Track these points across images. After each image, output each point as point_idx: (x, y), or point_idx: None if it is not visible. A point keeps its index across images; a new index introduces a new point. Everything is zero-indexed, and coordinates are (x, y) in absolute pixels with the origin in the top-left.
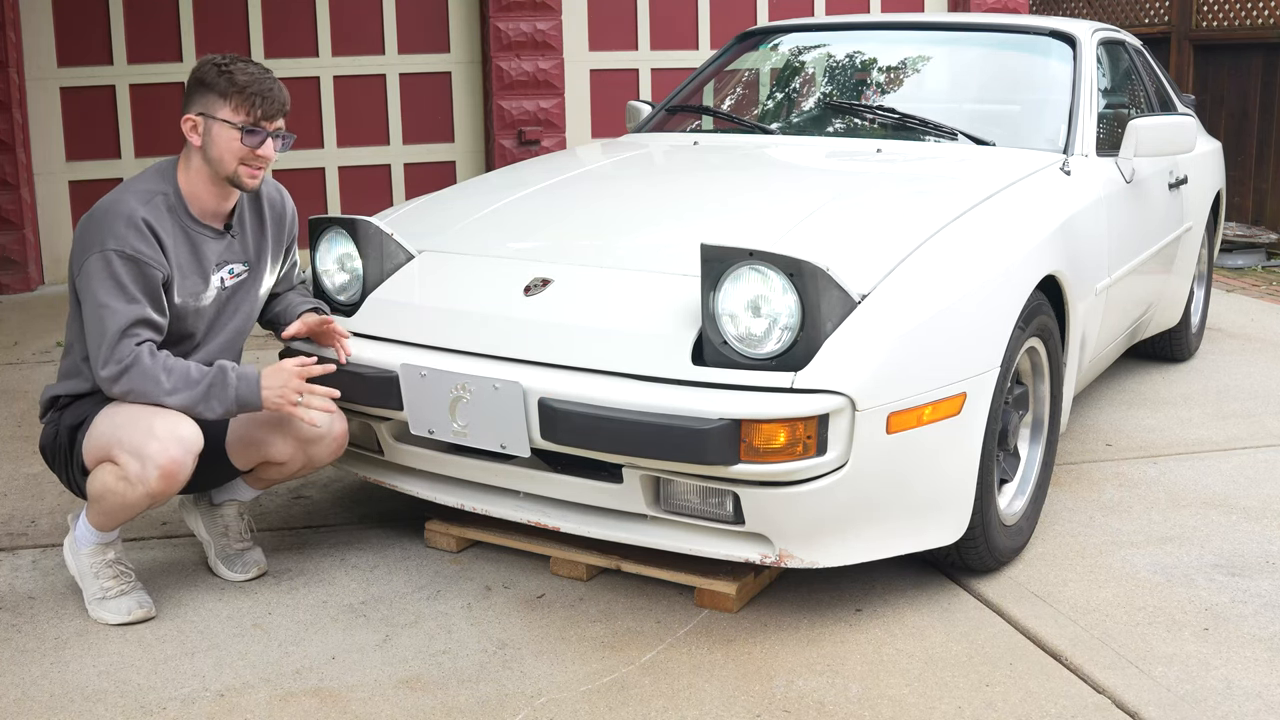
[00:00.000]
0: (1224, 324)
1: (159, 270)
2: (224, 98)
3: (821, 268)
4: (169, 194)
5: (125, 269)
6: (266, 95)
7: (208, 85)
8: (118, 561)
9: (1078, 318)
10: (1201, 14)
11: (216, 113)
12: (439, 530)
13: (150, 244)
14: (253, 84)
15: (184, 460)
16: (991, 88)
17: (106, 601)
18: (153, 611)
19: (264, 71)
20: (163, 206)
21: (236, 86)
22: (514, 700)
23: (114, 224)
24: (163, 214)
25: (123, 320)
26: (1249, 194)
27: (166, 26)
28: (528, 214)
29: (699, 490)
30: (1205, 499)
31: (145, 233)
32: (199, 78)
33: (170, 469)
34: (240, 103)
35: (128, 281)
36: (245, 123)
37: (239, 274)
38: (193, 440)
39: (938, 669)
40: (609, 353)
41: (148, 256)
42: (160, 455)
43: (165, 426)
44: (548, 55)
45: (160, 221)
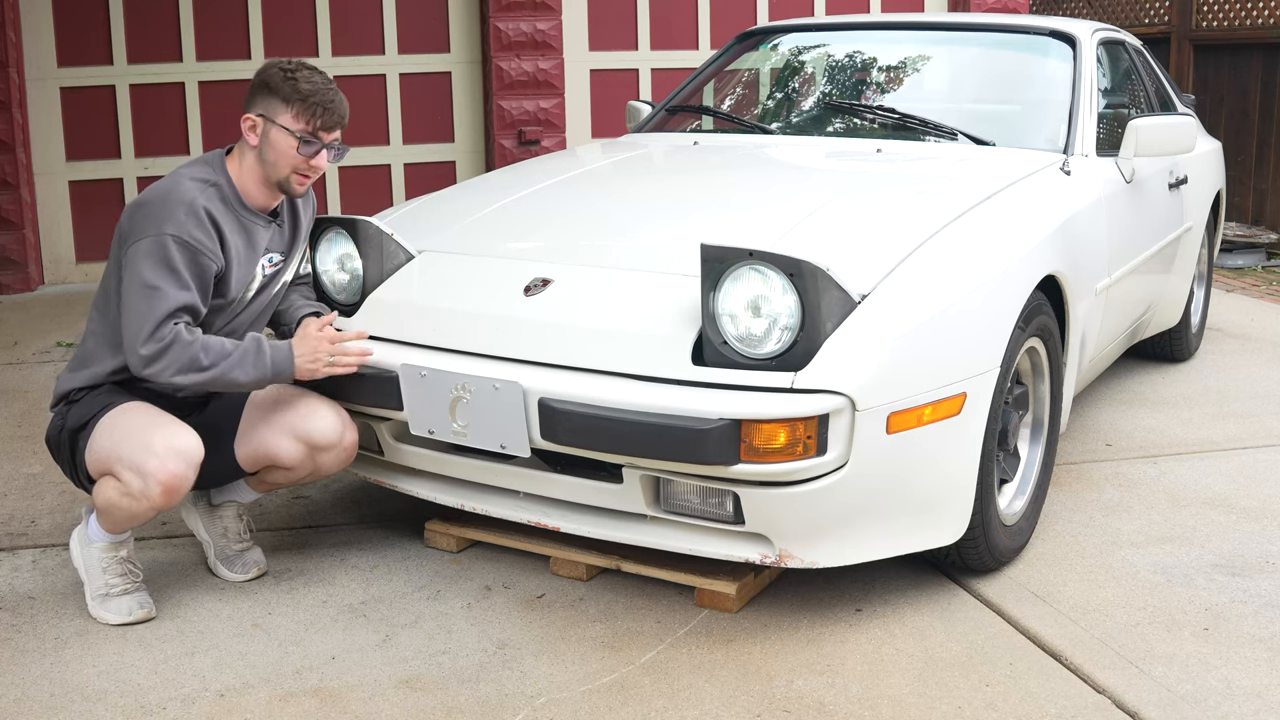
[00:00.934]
0: (1224, 324)
1: (214, 262)
2: (286, 104)
3: (821, 268)
4: (223, 185)
5: (182, 256)
6: (328, 107)
7: (272, 89)
8: (128, 560)
9: (1078, 318)
10: (1201, 14)
11: (276, 117)
12: (439, 530)
13: (210, 235)
14: (316, 94)
15: (185, 474)
16: (991, 88)
17: (109, 600)
18: (153, 613)
19: (327, 82)
20: (217, 198)
21: (300, 95)
22: (514, 700)
23: (174, 210)
24: (219, 205)
25: (171, 304)
26: (1249, 194)
27: (166, 26)
28: (528, 214)
29: (699, 490)
30: (1205, 499)
31: (206, 223)
32: (264, 80)
33: (171, 484)
34: (301, 110)
35: (182, 267)
36: (304, 131)
37: (276, 264)
38: (192, 452)
39: (938, 669)
40: (609, 353)
41: (206, 247)
42: (160, 471)
43: (163, 441)
44: (548, 55)
45: (219, 212)
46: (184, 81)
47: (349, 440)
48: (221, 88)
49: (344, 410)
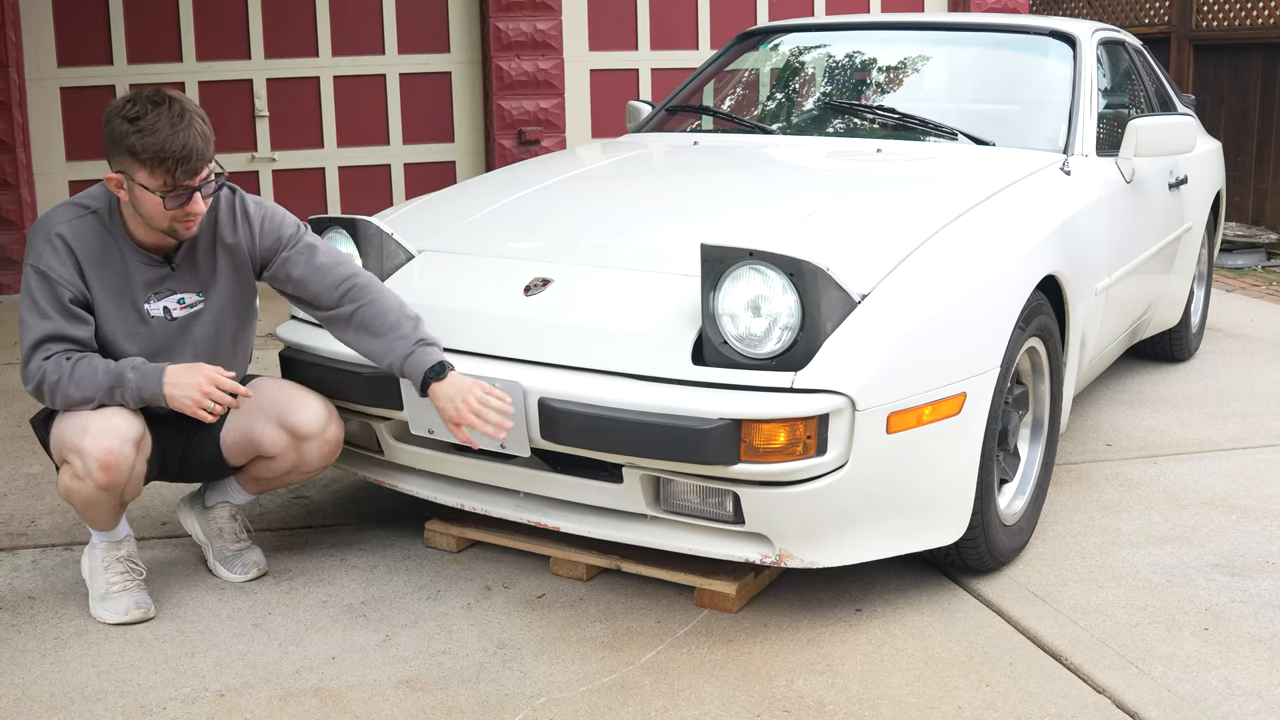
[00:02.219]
0: (1224, 324)
1: (68, 290)
2: (138, 162)
3: (821, 268)
4: (103, 213)
5: (38, 285)
6: (180, 157)
7: (119, 144)
8: (129, 559)
9: (1078, 318)
10: (1201, 14)
11: (134, 175)
12: (439, 530)
13: (64, 262)
14: (164, 147)
15: (119, 450)
16: (991, 88)
17: (107, 599)
18: (151, 613)
19: (175, 123)
20: (90, 226)
21: (148, 153)
22: (514, 700)
23: (35, 239)
24: (88, 232)
25: (33, 335)
26: (1249, 194)
27: (166, 26)
28: (528, 214)
29: (699, 490)
30: (1205, 499)
31: (60, 251)
32: (111, 133)
33: (107, 460)
34: (155, 168)
35: (39, 297)
36: (164, 189)
37: (192, 304)
38: (127, 429)
39: (938, 669)
40: (609, 353)
41: (57, 274)
42: (95, 448)
43: (99, 420)
44: (548, 55)
45: (82, 240)
46: (184, 81)
47: (333, 433)
48: (221, 88)
49: (332, 405)
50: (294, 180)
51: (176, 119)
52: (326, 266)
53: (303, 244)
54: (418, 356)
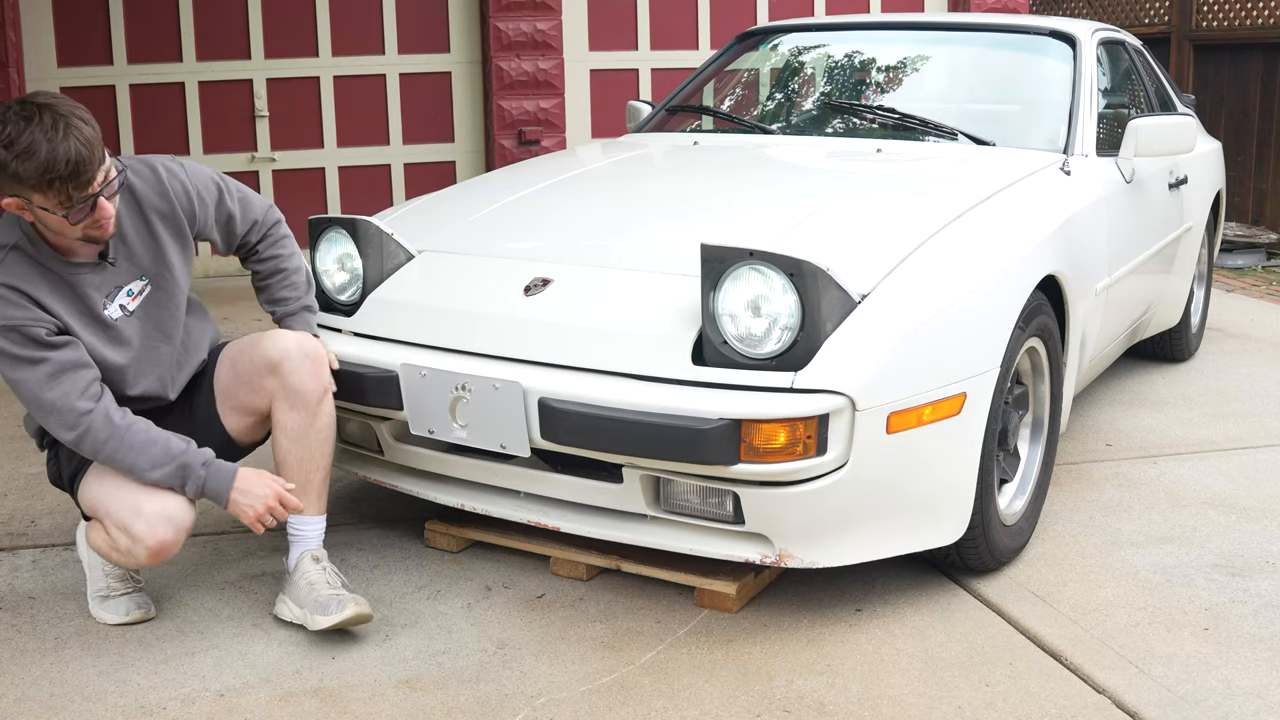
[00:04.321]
0: (1224, 324)
1: (41, 326)
2: (28, 187)
3: (821, 268)
4: (22, 243)
5: (11, 341)
6: (68, 175)
7: (3, 172)
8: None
9: (1078, 318)
10: (1201, 14)
11: (30, 199)
12: (439, 530)
13: (20, 305)
14: (48, 168)
15: (173, 540)
16: (991, 88)
17: (108, 601)
18: (151, 613)
19: (52, 135)
20: (17, 261)
21: (34, 177)
22: (514, 700)
23: None
24: (20, 267)
25: (38, 394)
26: (1249, 194)
27: (166, 26)
28: (528, 214)
29: (699, 490)
30: (1205, 499)
31: (12, 297)
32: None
33: (158, 549)
34: (47, 191)
35: (21, 351)
36: (63, 206)
37: (140, 290)
38: (181, 517)
39: (938, 669)
40: (609, 353)
41: (20, 320)
42: (148, 537)
43: (154, 504)
44: (548, 55)
45: (19, 277)
46: (184, 81)
47: (311, 347)
48: (221, 88)
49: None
50: (294, 180)
51: (52, 131)
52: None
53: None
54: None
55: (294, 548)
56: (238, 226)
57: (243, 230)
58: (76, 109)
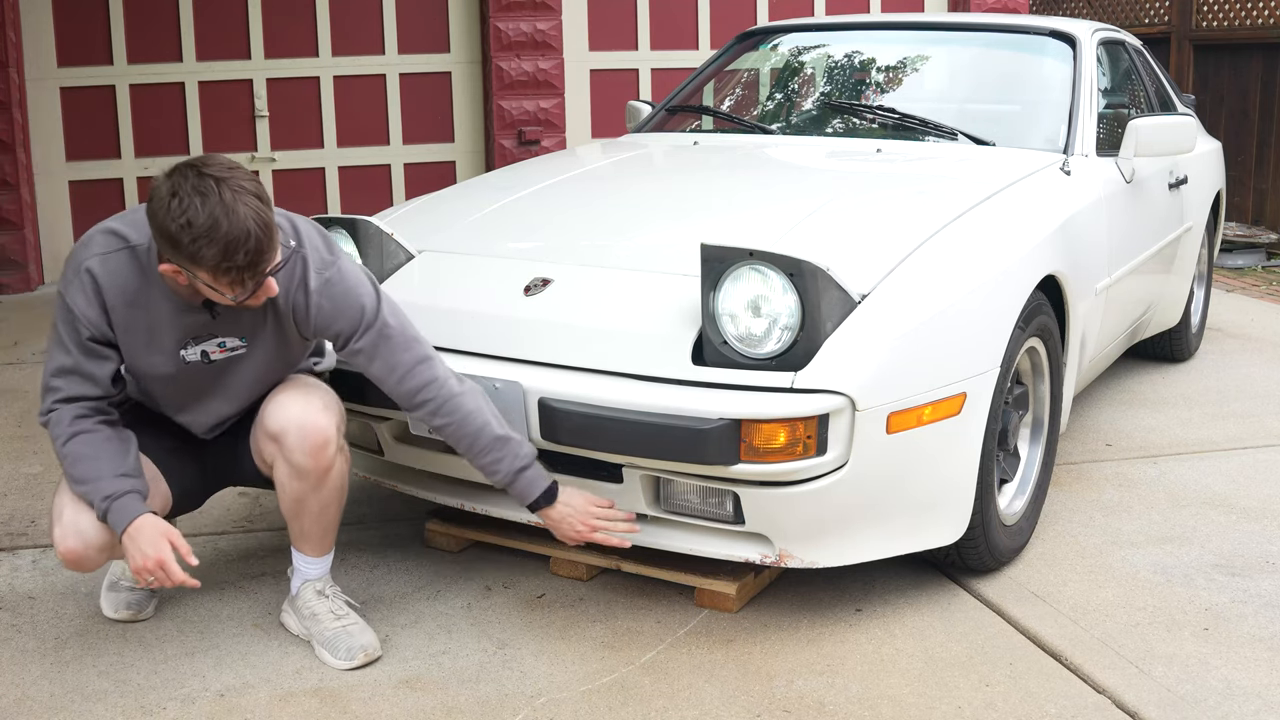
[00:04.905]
0: (1224, 324)
1: (87, 328)
2: (200, 269)
3: (821, 268)
4: (141, 250)
5: (62, 316)
6: (247, 265)
7: (176, 251)
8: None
9: (1078, 318)
10: (1201, 14)
11: (196, 275)
12: (439, 530)
13: (89, 300)
14: (227, 255)
15: (82, 552)
16: (991, 88)
17: (113, 589)
18: (142, 614)
19: (231, 215)
20: (124, 263)
21: (210, 264)
22: (514, 700)
23: (68, 266)
24: (122, 271)
25: (52, 365)
26: (1249, 194)
27: (166, 26)
28: (528, 214)
29: (699, 490)
30: (1205, 499)
31: (87, 288)
32: (162, 235)
33: (69, 557)
34: (219, 276)
35: (62, 328)
36: (230, 290)
37: (233, 349)
38: (93, 535)
39: (938, 669)
40: (609, 353)
41: (80, 310)
42: (61, 543)
43: (70, 514)
44: (548, 55)
45: (113, 279)
46: (184, 81)
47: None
48: (221, 88)
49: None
50: (294, 180)
51: (231, 211)
52: (393, 370)
53: (364, 341)
54: (524, 483)
55: (296, 576)
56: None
57: (385, 386)
58: (247, 180)
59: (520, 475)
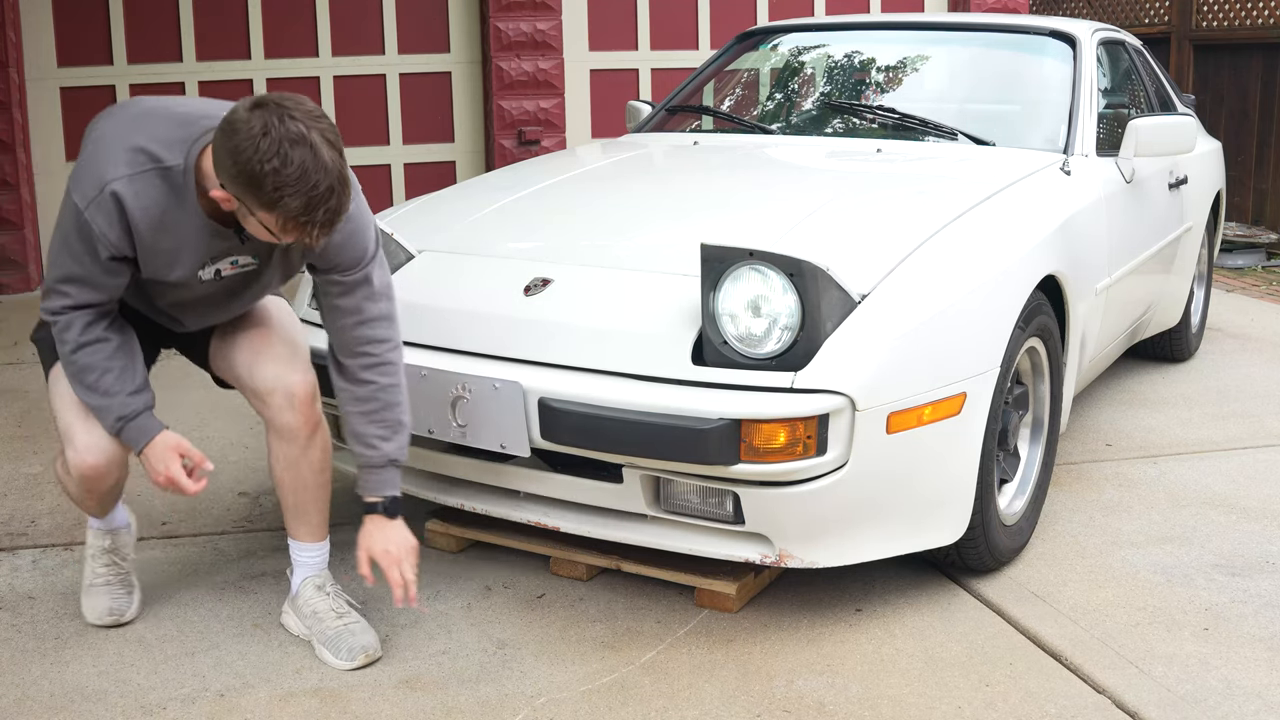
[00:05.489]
0: (1224, 324)
1: (107, 250)
2: (269, 211)
3: (821, 268)
4: (175, 172)
5: (76, 231)
6: (323, 223)
7: (252, 190)
8: (113, 551)
9: (1078, 318)
10: (1201, 14)
11: (254, 211)
12: (439, 530)
13: (112, 223)
14: (306, 211)
15: (105, 468)
16: (991, 88)
17: (89, 594)
18: (125, 618)
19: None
20: (155, 185)
21: (288, 213)
22: (514, 700)
23: (85, 180)
24: (152, 193)
25: (59, 271)
26: (1249, 194)
27: (166, 26)
28: (528, 214)
29: (699, 490)
30: (1205, 499)
31: (112, 212)
32: (247, 173)
33: (92, 474)
34: (287, 224)
35: (76, 243)
36: (286, 236)
37: (245, 265)
38: (112, 451)
39: (938, 669)
40: (609, 353)
41: (100, 232)
42: (80, 463)
43: (83, 434)
44: (548, 55)
45: (142, 201)
46: (184, 81)
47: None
48: (221, 88)
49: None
50: None
51: (321, 165)
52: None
53: (353, 278)
54: (388, 474)
55: (296, 572)
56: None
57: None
58: (332, 133)
59: (390, 466)
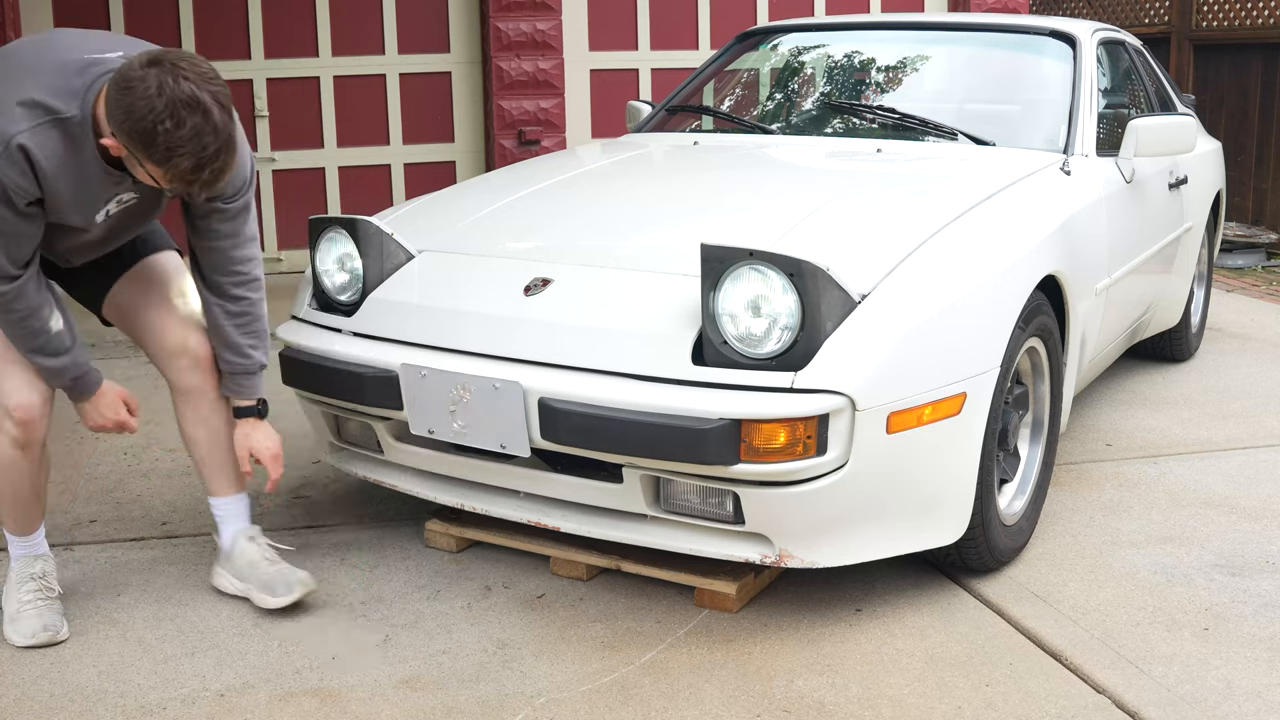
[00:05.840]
0: (1224, 324)
1: (22, 198)
2: (157, 166)
3: (821, 268)
4: (74, 120)
5: None
6: (207, 181)
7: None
8: (43, 577)
9: (1078, 318)
10: (1201, 14)
11: (143, 164)
12: (439, 530)
13: (24, 173)
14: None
15: (40, 408)
16: (991, 88)
17: (17, 621)
18: (60, 635)
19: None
20: (55, 136)
21: (174, 170)
22: (514, 700)
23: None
24: (52, 141)
25: None
26: (1249, 194)
27: (166, 27)
28: (528, 214)
29: (699, 490)
30: (1205, 499)
31: (21, 163)
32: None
33: (26, 420)
34: (174, 180)
35: None
36: (170, 187)
37: (126, 201)
38: (45, 392)
39: (938, 669)
40: (609, 353)
41: (13, 184)
42: (18, 405)
43: (19, 375)
44: (548, 55)
45: (45, 150)
46: None
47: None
48: None
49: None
50: (294, 180)
51: (213, 127)
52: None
53: (233, 206)
54: (251, 382)
55: (224, 527)
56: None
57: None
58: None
59: (261, 371)
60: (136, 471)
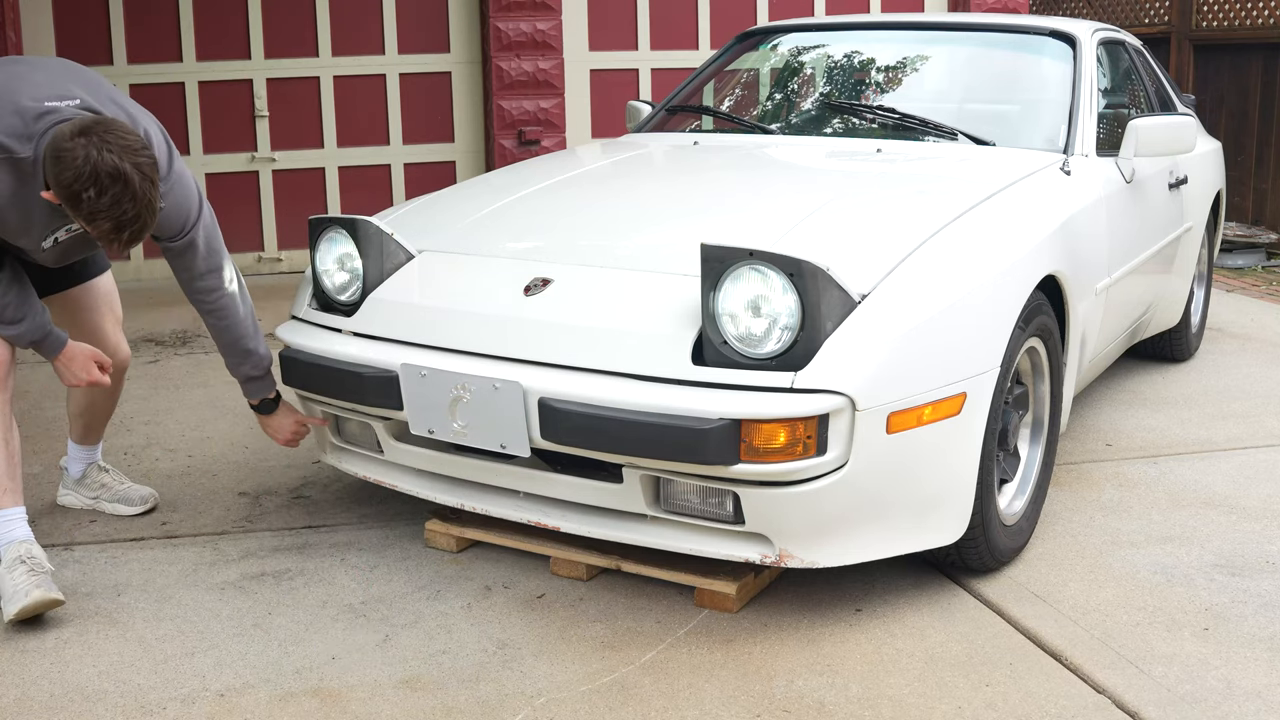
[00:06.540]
0: (1224, 324)
1: None
2: (86, 223)
3: (821, 268)
4: (26, 163)
5: None
6: (127, 241)
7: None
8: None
9: (1078, 318)
10: (1201, 14)
11: (72, 218)
12: (439, 530)
13: None
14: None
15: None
16: (991, 88)
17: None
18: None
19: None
20: (9, 168)
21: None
22: (514, 700)
23: None
24: (5, 175)
25: None
26: (1249, 194)
27: (166, 26)
28: (528, 214)
29: (699, 490)
30: (1205, 499)
31: None
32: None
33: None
34: (101, 236)
35: None
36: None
37: (75, 229)
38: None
39: (938, 669)
40: (609, 353)
41: None
42: None
43: None
44: (548, 55)
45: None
46: (184, 81)
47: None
48: (221, 88)
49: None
50: (294, 180)
51: (134, 195)
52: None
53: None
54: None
55: (77, 463)
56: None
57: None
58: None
59: (250, 381)
60: (136, 471)
